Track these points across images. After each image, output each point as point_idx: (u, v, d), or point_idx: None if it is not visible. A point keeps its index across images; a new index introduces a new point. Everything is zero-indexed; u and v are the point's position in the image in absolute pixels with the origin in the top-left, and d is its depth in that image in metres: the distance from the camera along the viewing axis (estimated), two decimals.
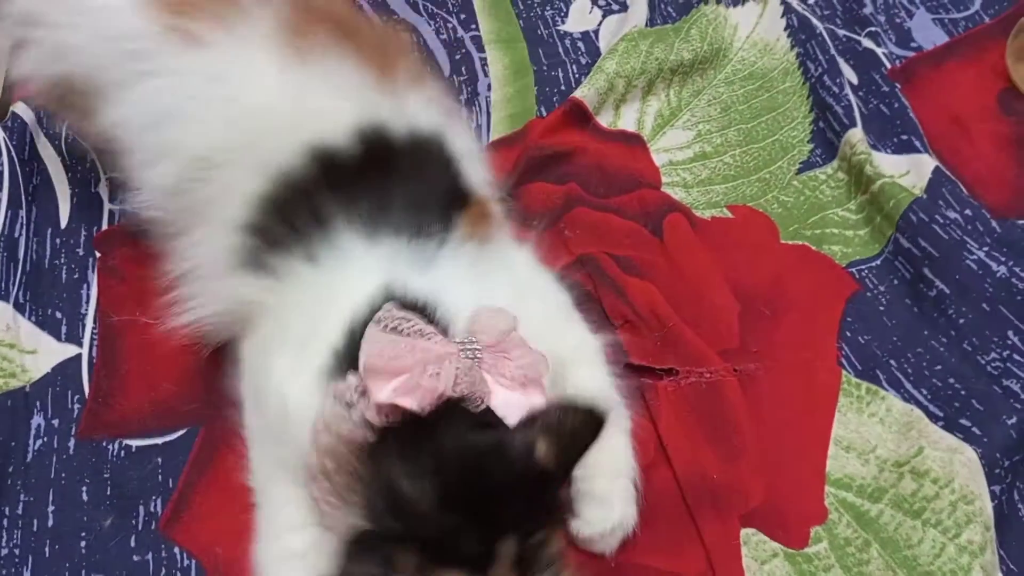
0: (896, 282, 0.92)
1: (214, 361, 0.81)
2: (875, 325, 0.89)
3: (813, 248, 0.94)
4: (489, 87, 1.07)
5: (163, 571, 0.72)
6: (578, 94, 1.02)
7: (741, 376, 0.84)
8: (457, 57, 1.11)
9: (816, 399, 0.84)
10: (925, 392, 0.84)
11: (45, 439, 0.79)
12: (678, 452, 0.79)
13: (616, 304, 0.87)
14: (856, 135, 0.99)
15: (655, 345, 0.85)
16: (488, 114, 1.05)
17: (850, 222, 0.97)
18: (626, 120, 1.04)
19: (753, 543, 0.75)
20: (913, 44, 1.14)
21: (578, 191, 0.95)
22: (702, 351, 0.85)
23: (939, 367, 0.85)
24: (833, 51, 1.09)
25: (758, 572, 0.74)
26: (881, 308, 0.90)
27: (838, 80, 1.05)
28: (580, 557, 0.72)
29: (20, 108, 1.00)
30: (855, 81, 1.08)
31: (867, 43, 1.12)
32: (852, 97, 1.04)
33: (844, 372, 0.85)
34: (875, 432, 0.82)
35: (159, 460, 0.77)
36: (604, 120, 1.03)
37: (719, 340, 0.87)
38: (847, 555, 0.75)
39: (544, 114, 1.04)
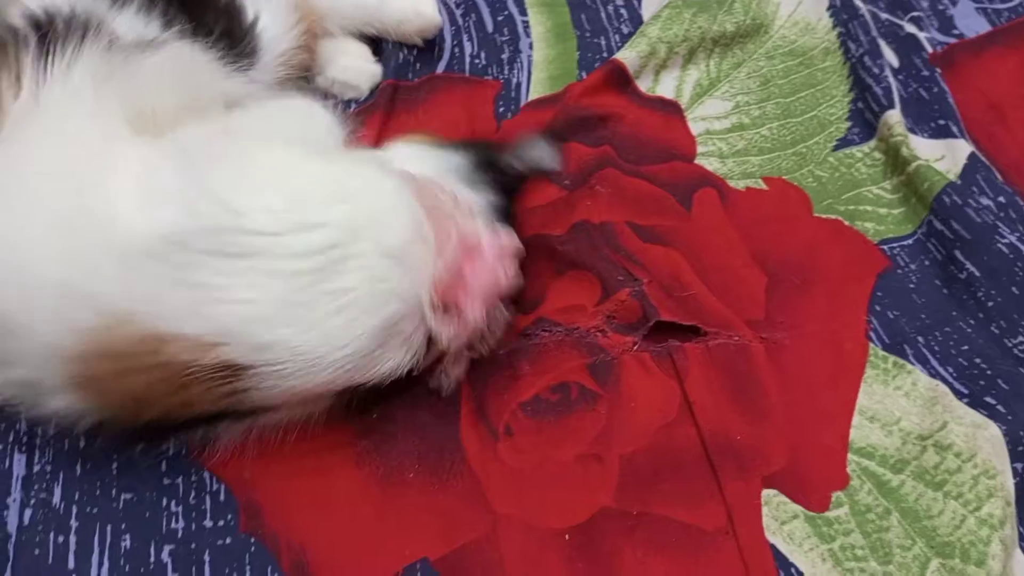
0: (927, 262, 0.92)
1: None
2: (904, 302, 0.89)
3: (846, 223, 0.94)
4: (531, 46, 1.08)
5: (192, 493, 0.73)
6: (619, 56, 1.03)
7: (768, 344, 0.84)
8: (500, 18, 1.11)
9: (842, 369, 0.84)
10: (951, 370, 0.84)
11: None
12: (703, 410, 0.79)
13: (636, 270, 0.87)
14: (894, 116, 0.99)
15: (680, 310, 0.86)
16: (529, 73, 1.05)
17: (884, 200, 0.97)
18: (665, 87, 1.05)
19: (774, 503, 0.76)
20: (955, 31, 1.14)
21: (612, 154, 0.95)
22: (727, 318, 0.86)
23: (966, 347, 0.85)
24: (875, 33, 1.09)
25: (777, 532, 0.74)
26: (911, 286, 0.90)
27: (879, 61, 1.05)
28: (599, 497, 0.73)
29: None
30: (896, 64, 1.08)
31: (909, 28, 1.12)
32: (892, 79, 1.04)
33: (871, 345, 0.85)
34: (900, 405, 0.82)
35: None
36: (643, 85, 1.04)
37: (744, 310, 0.87)
38: (867, 521, 0.75)
39: (584, 78, 1.04)
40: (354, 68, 1.02)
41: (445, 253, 0.69)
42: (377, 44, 1.07)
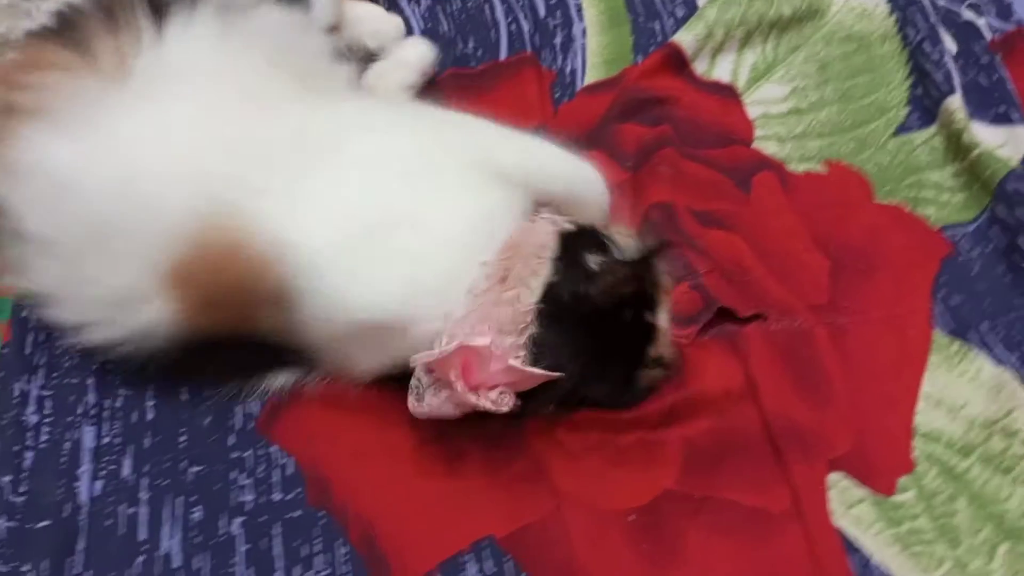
0: (990, 249, 0.91)
1: None
2: (967, 288, 0.88)
3: (907, 209, 0.93)
4: (584, 32, 1.08)
5: (261, 466, 0.74)
6: (676, 39, 1.02)
7: (831, 329, 0.83)
8: (552, 1, 1.11)
9: (906, 355, 0.83)
10: (1016, 356, 0.83)
11: None
12: (766, 393, 0.79)
13: (695, 257, 0.87)
14: (955, 103, 0.98)
15: (740, 295, 0.85)
16: (583, 58, 1.05)
17: (946, 186, 0.96)
18: (721, 70, 1.04)
19: (840, 487, 0.75)
20: (1014, 17, 1.12)
21: (670, 133, 0.95)
22: (789, 303, 0.85)
23: None
24: (933, 19, 1.07)
25: (844, 515, 0.74)
26: (974, 273, 0.89)
27: (938, 47, 1.04)
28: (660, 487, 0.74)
29: None
30: (954, 50, 1.06)
31: (967, 14, 1.10)
32: (951, 65, 1.03)
33: (935, 331, 0.84)
34: (965, 391, 0.81)
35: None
36: (699, 68, 1.03)
37: (807, 295, 0.87)
38: (934, 506, 0.74)
39: (640, 62, 1.04)
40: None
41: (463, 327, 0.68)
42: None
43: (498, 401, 0.67)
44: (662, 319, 0.75)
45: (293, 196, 0.68)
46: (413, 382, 0.70)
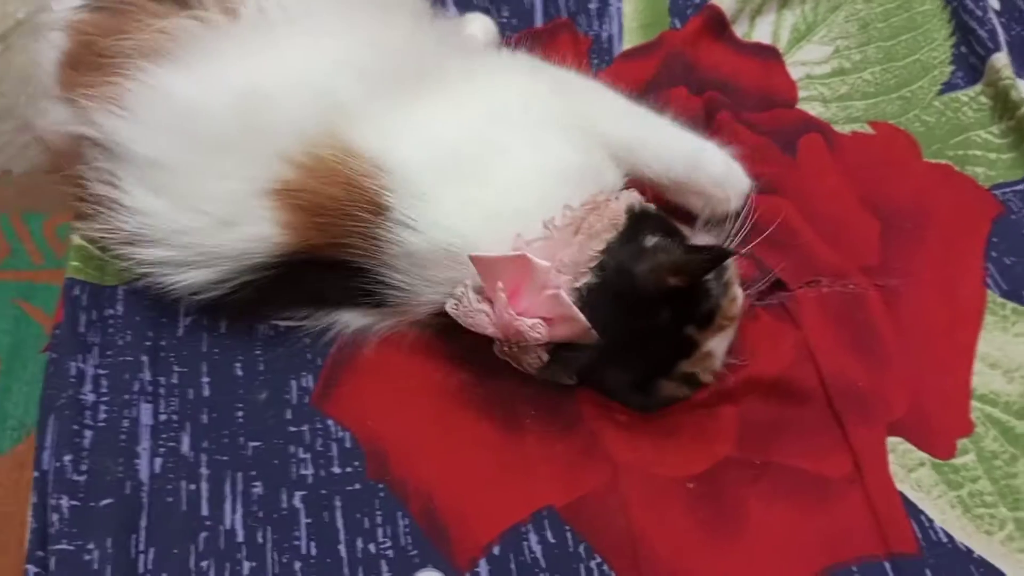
0: None
1: None
2: (1020, 248, 0.87)
3: (956, 168, 0.92)
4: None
5: (319, 440, 0.74)
6: (716, 1, 1.00)
7: (884, 291, 0.83)
8: None
9: (960, 316, 0.82)
10: None
11: (195, 316, 0.80)
12: (823, 354, 0.78)
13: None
14: (1001, 60, 0.96)
15: (789, 260, 0.84)
16: (619, 23, 1.04)
17: (993, 145, 0.94)
18: (760, 32, 1.03)
19: (900, 451, 0.74)
20: None
21: (719, 97, 0.93)
22: (841, 266, 0.84)
23: None
24: None
25: (905, 479, 0.73)
26: None
27: (981, 4, 1.02)
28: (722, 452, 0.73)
29: None
30: (998, 7, 1.04)
31: None
32: (996, 21, 1.01)
33: (988, 291, 0.83)
34: (1021, 351, 0.80)
35: (307, 340, 0.79)
36: (739, 30, 1.02)
37: (858, 257, 0.85)
38: (994, 468, 0.74)
39: (678, 26, 1.02)
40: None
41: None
42: None
43: (532, 328, 0.67)
44: (713, 343, 0.73)
45: (398, 121, 0.73)
46: (459, 288, 0.70)
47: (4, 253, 1.18)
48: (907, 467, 0.74)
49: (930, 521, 0.71)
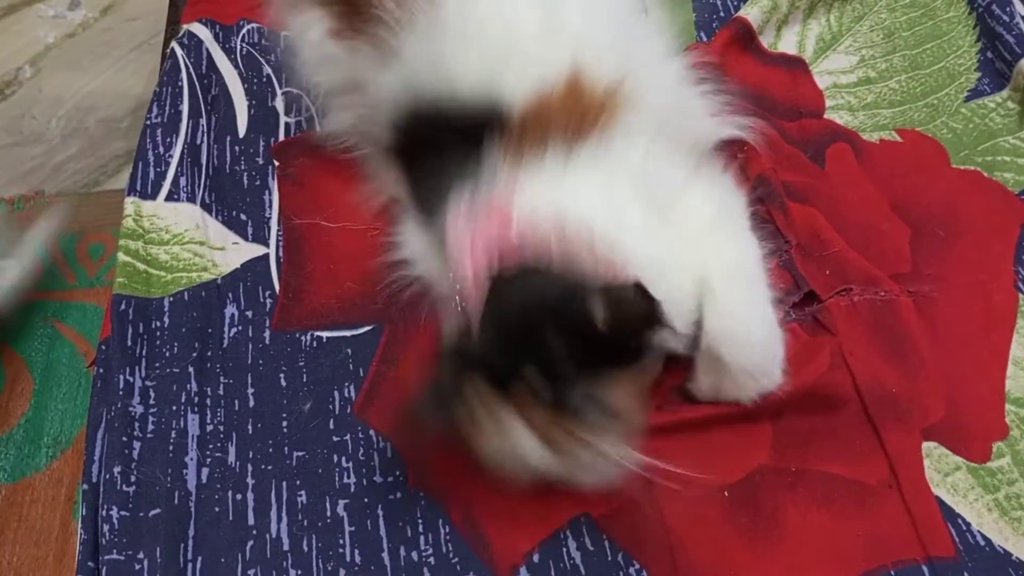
0: None
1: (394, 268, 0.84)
2: None
3: (985, 174, 0.92)
4: (645, 9, 1.07)
5: (361, 450, 0.75)
6: (743, 13, 1.02)
7: (916, 297, 0.83)
8: None
9: (993, 320, 0.83)
10: None
11: (240, 328, 0.82)
12: (858, 362, 0.79)
13: (785, 226, 0.87)
14: None
15: (822, 271, 0.85)
16: None
17: (1022, 150, 0.95)
18: (786, 42, 1.04)
19: (935, 456, 0.75)
20: None
21: (751, 107, 0.94)
22: (872, 274, 0.85)
23: None
24: None
25: (941, 484, 0.74)
26: None
27: (1008, 9, 1.03)
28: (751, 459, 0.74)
29: (196, 27, 1.04)
30: (1023, 12, 1.05)
31: None
32: (1023, 26, 1.01)
33: (1021, 295, 0.84)
34: None
35: (349, 351, 0.81)
36: (765, 41, 1.03)
37: (890, 265, 0.86)
38: None
39: (705, 39, 1.04)
40: None
41: None
42: None
43: None
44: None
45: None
46: None
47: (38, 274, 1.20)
48: (943, 471, 0.74)
49: (967, 525, 0.72)
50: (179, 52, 1.01)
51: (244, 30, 1.04)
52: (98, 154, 1.87)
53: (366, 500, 0.73)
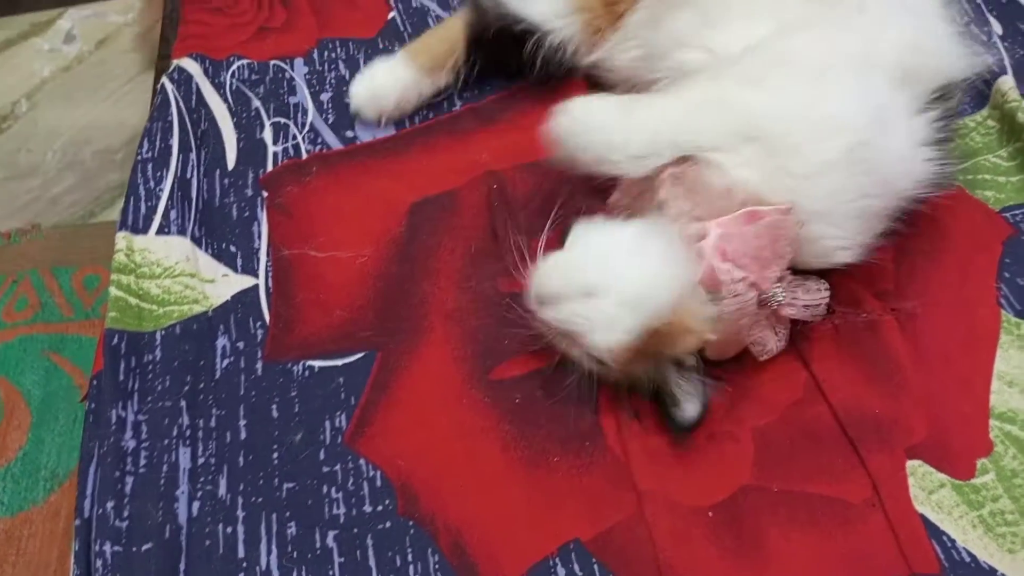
0: None
1: (384, 292, 0.85)
2: None
3: (967, 192, 0.93)
4: None
5: (351, 480, 0.76)
6: None
7: (899, 315, 0.84)
8: None
9: (976, 336, 0.84)
10: None
11: (231, 359, 0.83)
12: (834, 389, 0.79)
13: None
14: (1007, 83, 0.98)
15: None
16: None
17: (1002, 168, 0.96)
18: None
19: (920, 474, 0.76)
20: None
21: None
22: (856, 293, 0.86)
23: None
24: (979, 0, 1.08)
25: (925, 501, 0.74)
26: None
27: (985, 29, 1.04)
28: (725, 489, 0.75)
29: (186, 62, 1.05)
30: (1000, 31, 1.06)
31: None
32: (1000, 45, 1.03)
33: (1003, 312, 0.85)
34: None
35: (341, 380, 0.82)
36: None
37: (872, 283, 0.87)
38: (1015, 486, 0.75)
39: None
40: None
41: None
42: None
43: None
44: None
45: None
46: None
47: (34, 307, 1.21)
48: (927, 489, 0.75)
49: (952, 541, 0.72)
50: (169, 87, 1.02)
51: (234, 66, 1.06)
52: (93, 186, 1.89)
53: (355, 531, 0.74)
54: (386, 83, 0.99)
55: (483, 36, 0.97)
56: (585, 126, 0.79)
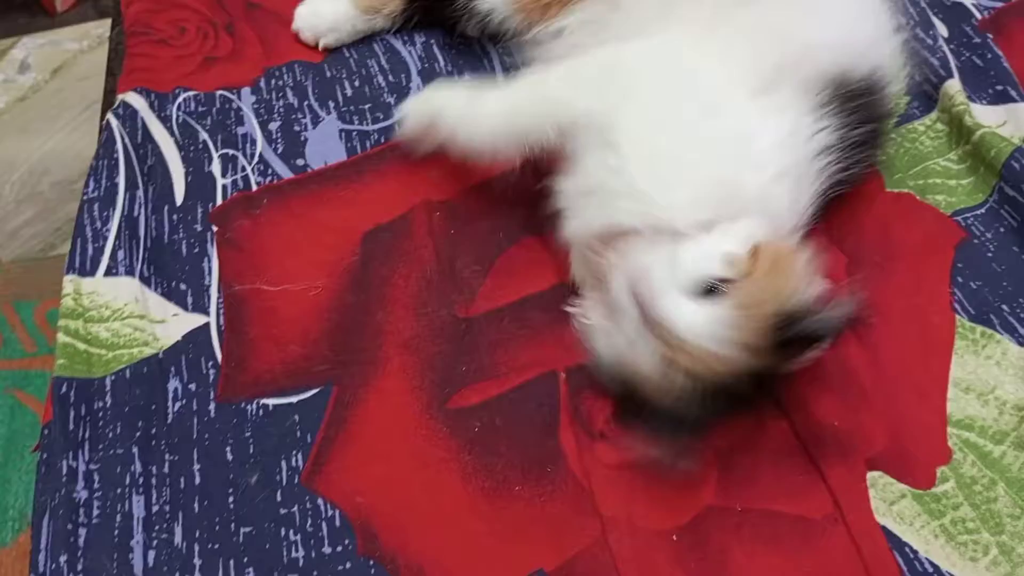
0: (1003, 230, 0.91)
1: (338, 324, 0.84)
2: (985, 272, 0.89)
3: (918, 197, 0.94)
4: None
5: (309, 521, 0.75)
6: None
7: (854, 325, 0.84)
8: None
9: (932, 343, 0.84)
10: None
11: (184, 402, 0.82)
12: (794, 405, 0.79)
13: None
14: (954, 86, 0.99)
15: None
16: None
17: (952, 172, 0.96)
18: None
19: (880, 485, 0.76)
20: None
21: None
22: None
23: None
24: (923, 4, 1.08)
25: (887, 513, 0.74)
26: (989, 255, 0.90)
27: (931, 32, 1.05)
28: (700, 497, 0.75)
29: (131, 97, 1.04)
30: (946, 34, 1.07)
31: None
32: (946, 49, 1.03)
33: (958, 317, 0.85)
34: (993, 374, 0.82)
35: (296, 417, 0.80)
36: None
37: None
38: (975, 493, 0.75)
39: None
40: None
41: None
42: None
43: None
44: None
45: None
46: None
47: None
48: (888, 500, 0.75)
49: (915, 552, 0.72)
50: (114, 123, 1.01)
51: (180, 98, 1.04)
52: (53, 217, 1.87)
53: (315, 573, 0.73)
54: (327, 12, 1.10)
55: None
56: (434, 107, 0.89)
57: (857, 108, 0.82)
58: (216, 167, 0.99)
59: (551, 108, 0.83)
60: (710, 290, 0.72)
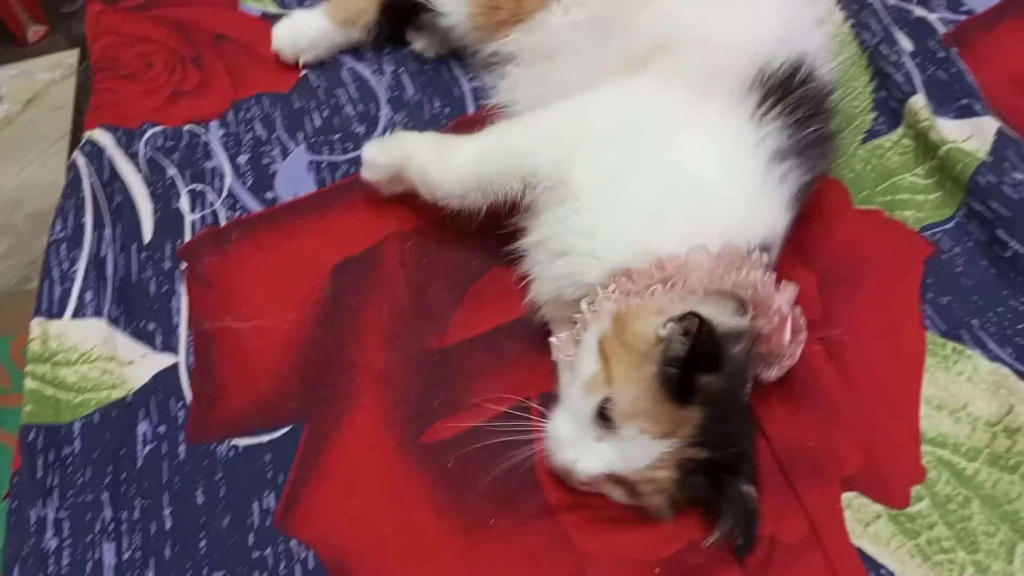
0: (971, 244, 0.92)
1: (309, 359, 0.84)
2: (954, 286, 0.89)
3: (885, 214, 0.94)
4: None
5: (282, 564, 0.74)
6: None
7: (827, 343, 0.84)
8: None
9: (903, 360, 0.84)
10: (1010, 351, 0.84)
11: (153, 445, 0.81)
12: (771, 423, 0.79)
13: None
14: (919, 102, 1.00)
15: None
16: None
17: (920, 187, 0.97)
18: None
19: (856, 506, 0.76)
20: (964, 8, 1.13)
21: None
22: None
23: (1021, 326, 0.85)
24: (886, 20, 1.09)
25: (862, 534, 0.74)
26: (958, 270, 0.90)
27: (895, 48, 1.06)
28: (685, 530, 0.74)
29: (98, 134, 1.03)
30: (911, 48, 1.08)
31: (919, 11, 1.12)
32: (910, 64, 1.04)
33: (928, 333, 0.85)
34: (964, 390, 0.82)
35: (268, 457, 0.80)
36: None
37: None
38: (949, 512, 0.75)
39: None
40: None
41: None
42: None
43: None
44: None
45: None
46: None
47: None
48: (864, 521, 0.75)
49: (891, 574, 0.72)
50: (81, 162, 1.00)
51: (148, 134, 1.04)
52: (28, 249, 1.85)
53: None
54: (306, 29, 1.11)
55: (395, 3, 1.09)
56: (401, 154, 0.90)
57: (797, 103, 0.83)
58: (184, 203, 0.98)
59: (514, 159, 0.84)
60: (602, 415, 0.72)
